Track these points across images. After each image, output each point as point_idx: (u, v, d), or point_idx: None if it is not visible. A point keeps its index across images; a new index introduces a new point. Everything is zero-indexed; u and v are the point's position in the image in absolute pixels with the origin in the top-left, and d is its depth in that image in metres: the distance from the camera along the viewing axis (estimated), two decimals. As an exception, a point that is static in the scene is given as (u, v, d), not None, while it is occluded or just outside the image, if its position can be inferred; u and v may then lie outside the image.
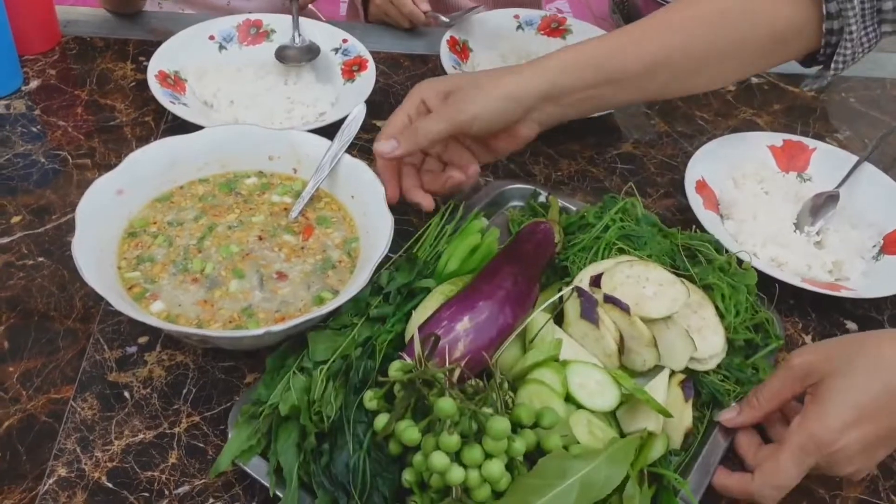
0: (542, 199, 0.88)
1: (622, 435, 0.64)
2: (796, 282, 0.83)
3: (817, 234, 0.90)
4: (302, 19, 1.10)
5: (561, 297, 0.71)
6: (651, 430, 0.62)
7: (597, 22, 1.67)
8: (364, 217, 0.78)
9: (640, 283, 0.71)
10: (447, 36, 1.13)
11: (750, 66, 0.90)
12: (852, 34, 0.83)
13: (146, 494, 0.64)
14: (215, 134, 0.83)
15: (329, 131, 0.85)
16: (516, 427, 0.58)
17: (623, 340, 0.68)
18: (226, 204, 0.80)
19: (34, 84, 1.04)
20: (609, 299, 0.68)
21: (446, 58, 1.09)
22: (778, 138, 1.00)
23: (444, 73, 1.06)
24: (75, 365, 0.72)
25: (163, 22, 1.18)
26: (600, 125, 1.06)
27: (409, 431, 0.56)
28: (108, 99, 1.03)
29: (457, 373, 0.60)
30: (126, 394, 0.70)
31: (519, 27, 1.20)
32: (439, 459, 0.54)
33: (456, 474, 0.54)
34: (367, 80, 1.04)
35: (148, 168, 0.78)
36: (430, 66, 1.15)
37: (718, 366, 0.71)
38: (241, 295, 0.72)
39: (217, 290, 0.72)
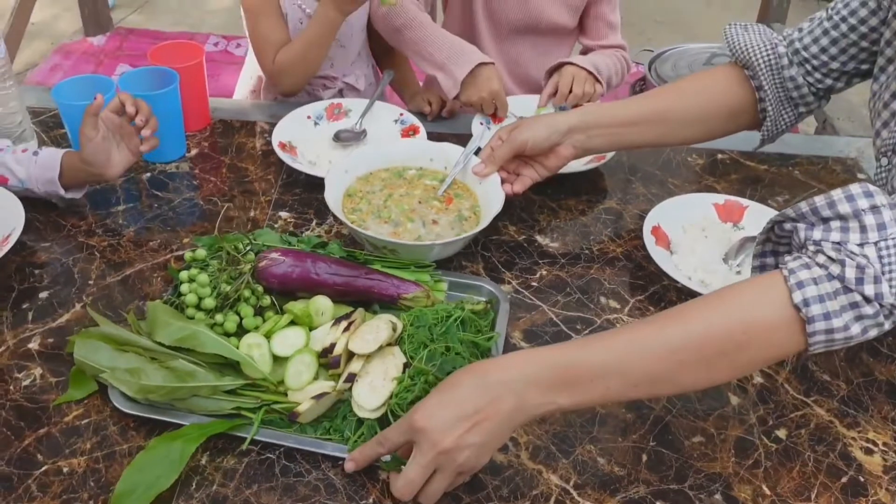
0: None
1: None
2: (715, 297, 1.18)
3: (738, 265, 1.25)
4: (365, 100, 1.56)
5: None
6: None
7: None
8: (486, 195, 1.26)
9: (370, 331, 1.00)
10: (478, 119, 1.56)
11: (722, 128, 1.25)
12: (770, 114, 1.21)
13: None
14: (398, 147, 1.39)
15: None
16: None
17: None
18: (396, 183, 1.32)
19: (194, 152, 1.49)
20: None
21: (476, 128, 1.52)
22: (721, 198, 1.36)
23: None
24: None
25: (278, 108, 1.63)
26: (592, 186, 1.44)
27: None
28: (243, 163, 1.47)
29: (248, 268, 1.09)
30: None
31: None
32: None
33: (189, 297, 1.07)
34: (421, 139, 1.48)
35: (359, 159, 1.32)
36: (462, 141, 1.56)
37: None
38: (414, 230, 1.22)
39: (400, 227, 1.22)
